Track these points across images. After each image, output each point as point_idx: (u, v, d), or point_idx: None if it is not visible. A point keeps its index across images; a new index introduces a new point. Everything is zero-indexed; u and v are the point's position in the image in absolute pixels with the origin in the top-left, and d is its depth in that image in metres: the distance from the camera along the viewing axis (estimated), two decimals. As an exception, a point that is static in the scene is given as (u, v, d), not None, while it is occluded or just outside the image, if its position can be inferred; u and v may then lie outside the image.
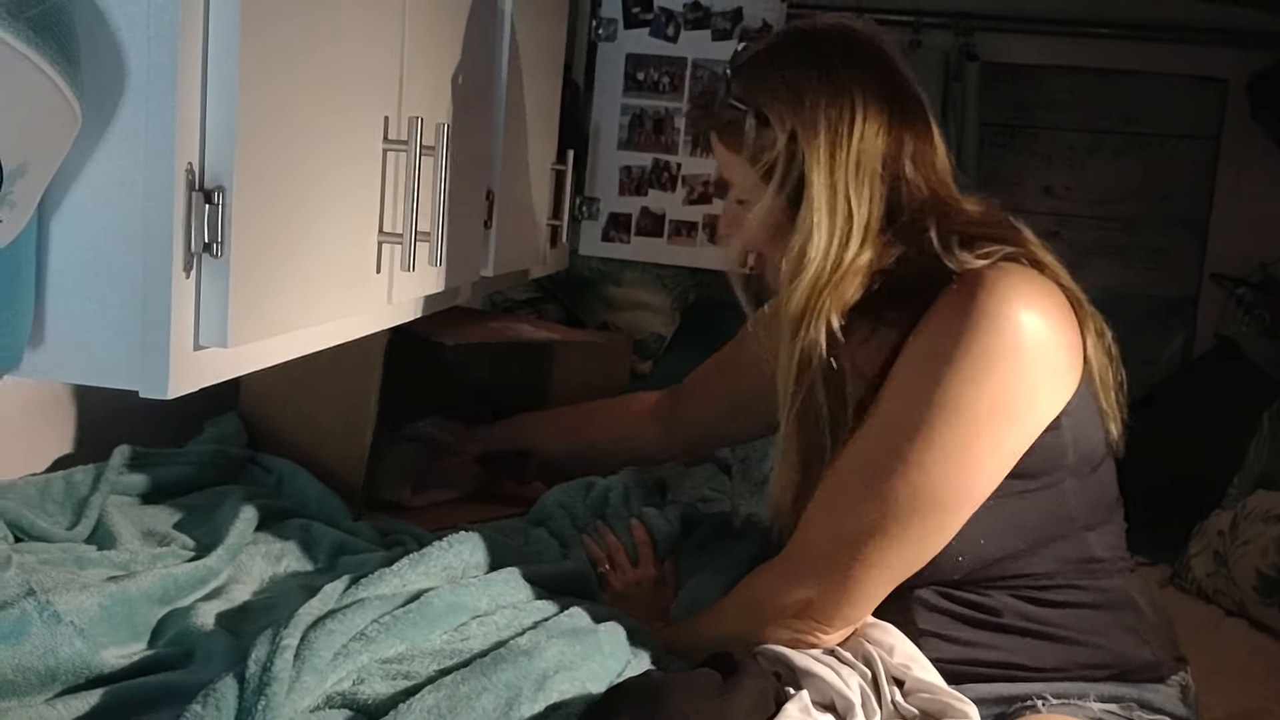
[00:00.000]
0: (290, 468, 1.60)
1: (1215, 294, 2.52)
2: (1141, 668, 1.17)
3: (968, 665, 1.14)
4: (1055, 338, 1.09)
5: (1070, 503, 1.14)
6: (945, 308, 1.09)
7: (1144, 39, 2.47)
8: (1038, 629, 1.15)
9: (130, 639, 1.12)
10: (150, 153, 0.74)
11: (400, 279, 1.15)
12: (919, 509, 1.08)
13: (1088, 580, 1.16)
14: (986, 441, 1.07)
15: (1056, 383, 1.10)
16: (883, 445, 1.10)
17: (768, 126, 1.18)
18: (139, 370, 0.76)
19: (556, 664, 1.03)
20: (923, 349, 1.10)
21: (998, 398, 1.06)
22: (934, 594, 1.16)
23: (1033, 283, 1.10)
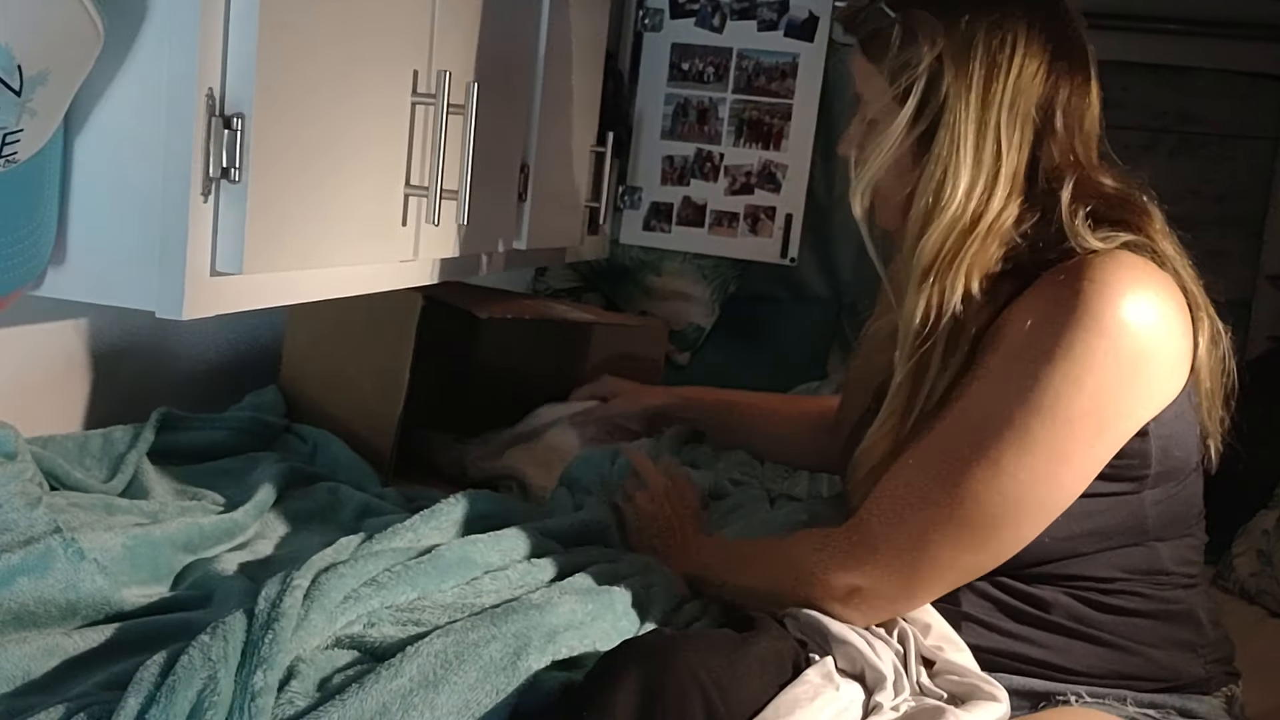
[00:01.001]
0: (324, 436, 1.63)
1: (1270, 296, 2.46)
2: (1190, 683, 1.12)
3: (1004, 657, 1.09)
4: (1162, 341, 1.01)
5: (1148, 514, 1.08)
6: (1049, 293, 1.02)
7: (1202, 34, 2.42)
8: (1086, 631, 1.09)
9: (152, 580, 1.14)
10: (172, 76, 0.75)
11: (427, 234, 1.16)
12: (999, 514, 1.01)
13: (1151, 590, 1.10)
14: (1079, 446, 1.00)
15: (1155, 389, 1.02)
16: (968, 439, 1.02)
17: (915, 43, 1.08)
18: (155, 291, 0.78)
19: (567, 621, 1.03)
20: (1021, 338, 1.02)
21: (1094, 402, 0.99)
22: (987, 582, 1.10)
23: (1148, 277, 1.02)
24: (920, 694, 1.03)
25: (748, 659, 0.95)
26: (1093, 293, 0.99)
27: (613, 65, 2.15)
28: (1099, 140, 1.16)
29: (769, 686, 0.94)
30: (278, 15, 0.81)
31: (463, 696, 0.92)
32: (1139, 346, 1.00)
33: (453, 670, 0.93)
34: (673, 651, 0.91)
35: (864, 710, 0.99)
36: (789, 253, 2.37)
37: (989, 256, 1.07)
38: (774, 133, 2.34)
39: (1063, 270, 1.02)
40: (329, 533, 1.35)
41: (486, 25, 1.30)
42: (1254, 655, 1.57)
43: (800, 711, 0.91)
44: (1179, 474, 1.09)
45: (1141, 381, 1.01)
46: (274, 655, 0.89)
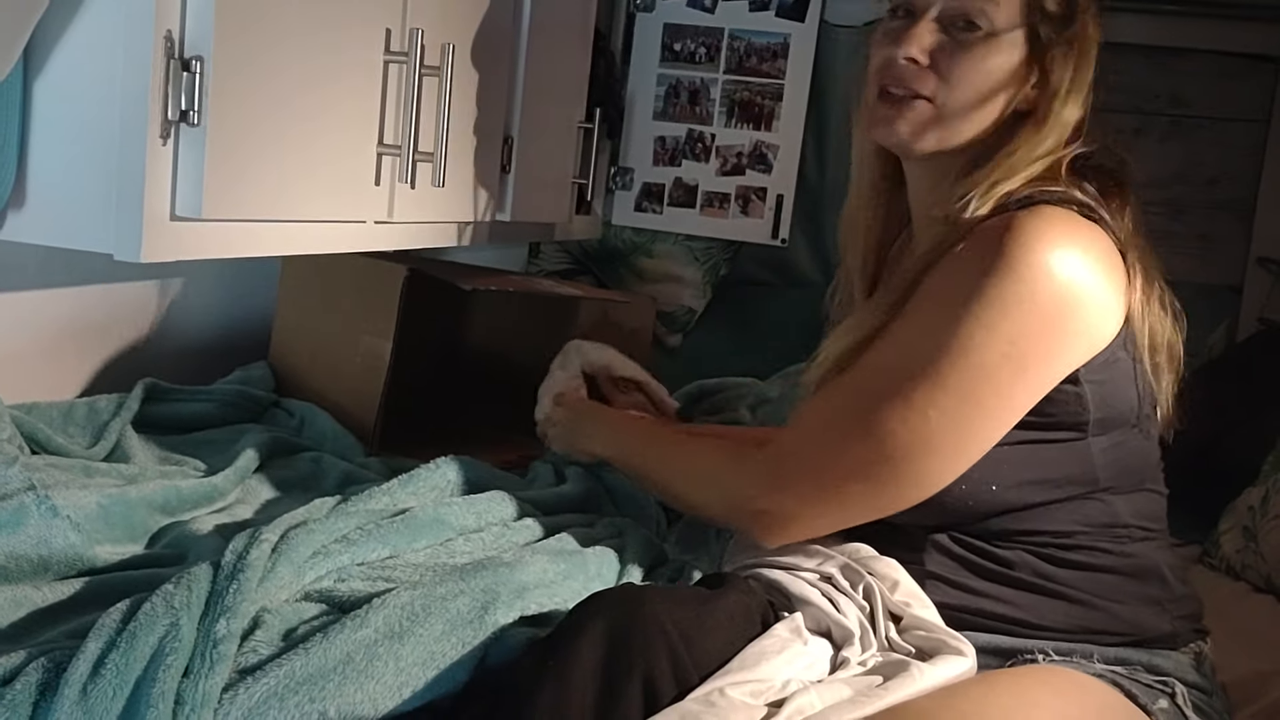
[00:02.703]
0: (311, 410, 1.63)
1: (1261, 280, 2.45)
2: (1157, 638, 1.12)
3: (971, 614, 1.10)
4: (1084, 290, 1.02)
5: (1096, 462, 1.08)
6: (976, 241, 1.04)
7: (1193, 15, 2.41)
8: (1050, 587, 1.10)
9: (127, 540, 1.14)
10: (130, 18, 0.76)
11: (403, 196, 1.16)
12: (909, 452, 1.03)
13: (1111, 545, 1.11)
14: (994, 389, 1.02)
15: (1080, 336, 1.03)
16: (885, 378, 1.05)
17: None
18: (113, 233, 0.78)
19: (538, 579, 1.03)
20: (941, 285, 1.05)
21: (1010, 347, 1.00)
22: (949, 539, 1.11)
23: (1071, 229, 1.03)
24: (889, 649, 1.03)
25: (715, 612, 0.95)
26: (1013, 242, 1.01)
27: (604, 45, 2.15)
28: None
29: (736, 639, 0.94)
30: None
31: (428, 648, 0.92)
32: (1058, 294, 1.01)
33: (419, 622, 0.93)
34: (639, 602, 0.92)
35: (832, 665, 0.99)
36: (780, 233, 2.37)
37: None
38: (765, 113, 2.34)
39: (993, 222, 1.04)
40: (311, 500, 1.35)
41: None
42: (1236, 627, 1.57)
43: (766, 664, 0.91)
44: (1122, 422, 1.10)
45: (1062, 328, 1.02)
46: (237, 604, 0.90)
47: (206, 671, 0.84)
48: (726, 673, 0.91)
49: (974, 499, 1.08)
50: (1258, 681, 1.37)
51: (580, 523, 1.23)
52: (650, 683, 0.87)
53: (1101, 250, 1.05)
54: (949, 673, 0.98)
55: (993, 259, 1.01)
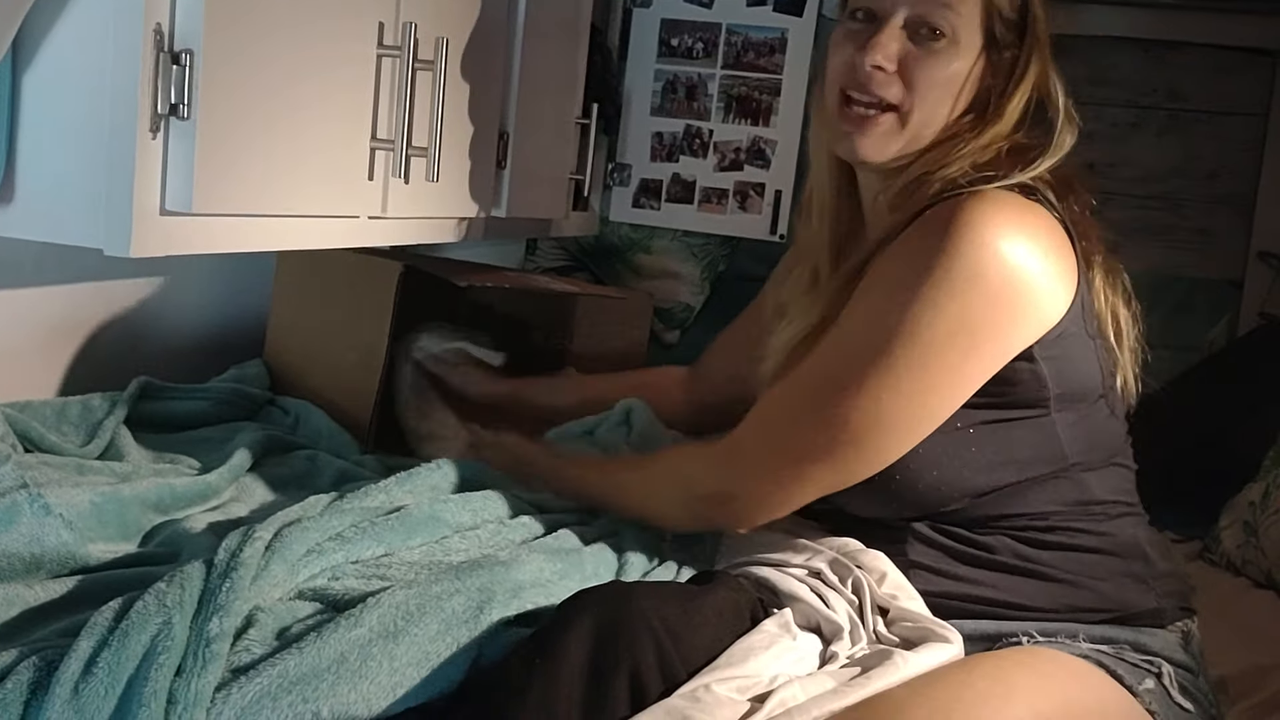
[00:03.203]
0: (306, 408, 1.62)
1: (1261, 274, 2.44)
2: (1142, 614, 1.13)
3: (957, 600, 1.12)
4: (1030, 268, 1.03)
5: (1061, 438, 1.10)
6: (918, 229, 1.06)
7: (1189, 9, 2.40)
8: (1032, 568, 1.11)
9: (120, 538, 1.13)
10: (119, 11, 0.75)
11: (397, 191, 1.15)
12: (862, 432, 1.06)
13: (1089, 523, 1.13)
14: (943, 367, 1.04)
15: (1028, 314, 1.05)
16: (840, 366, 1.07)
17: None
18: (103, 228, 0.77)
19: (534, 578, 1.03)
20: (888, 269, 1.07)
21: (957, 324, 1.02)
22: (928, 527, 1.14)
23: (1015, 210, 1.05)
24: (877, 642, 1.04)
25: (703, 608, 0.95)
26: (959, 224, 1.03)
27: (601, 40, 2.14)
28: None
29: (725, 635, 0.94)
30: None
31: (423, 648, 0.92)
32: (1004, 272, 1.02)
33: (413, 622, 0.93)
34: (626, 598, 0.92)
35: (821, 660, 0.99)
36: (778, 229, 2.36)
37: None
38: (763, 108, 2.33)
39: (939, 207, 1.06)
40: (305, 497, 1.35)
41: (459, -15, 1.30)
42: (1237, 622, 1.57)
43: (755, 659, 0.91)
44: (1084, 397, 1.11)
45: (1010, 306, 1.03)
46: (230, 603, 0.89)
47: (199, 670, 0.83)
48: (714, 669, 0.91)
49: (946, 485, 1.10)
50: (1257, 675, 1.38)
51: (577, 520, 1.22)
52: (637, 678, 0.87)
53: (1046, 230, 1.06)
54: (933, 659, 0.99)
55: (939, 241, 1.03)
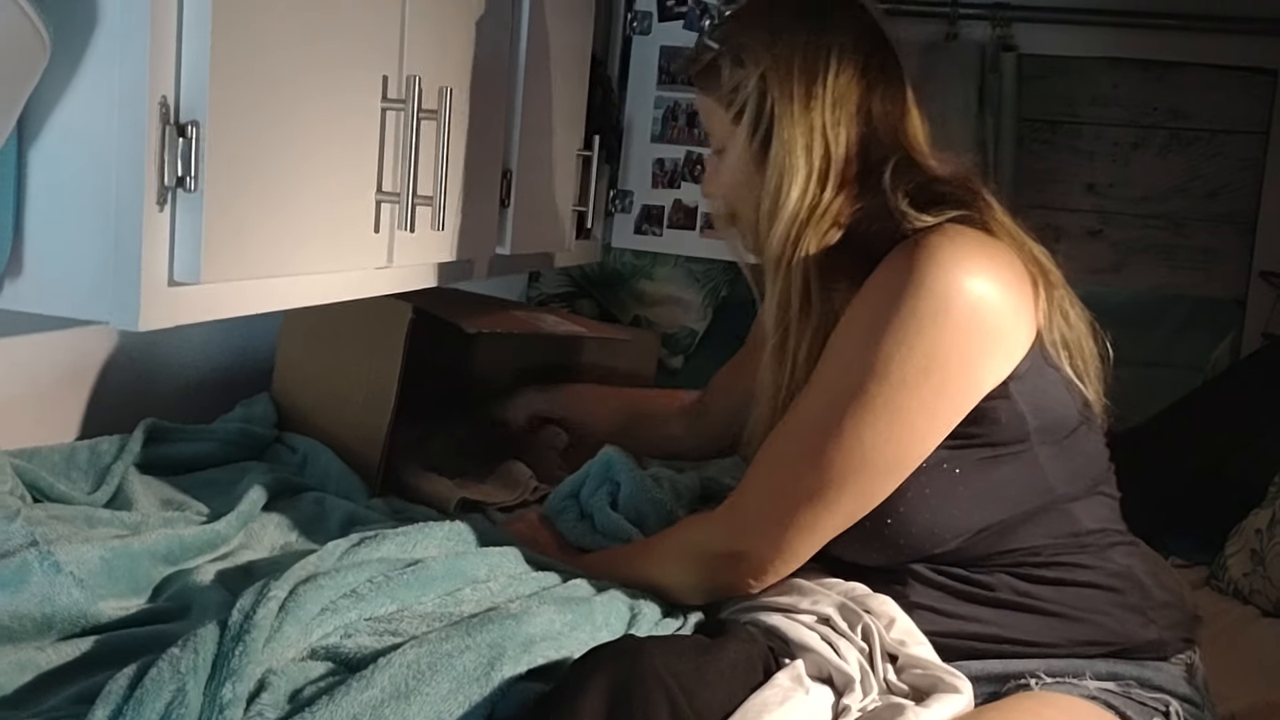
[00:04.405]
0: (314, 447, 1.62)
1: (1264, 293, 2.44)
2: (1144, 646, 1.14)
3: (961, 639, 1.13)
4: (996, 302, 1.06)
5: (1046, 471, 1.13)
6: (887, 267, 1.09)
7: (1190, 29, 2.41)
8: (1033, 604, 1.13)
9: (130, 593, 1.13)
10: (124, 85, 0.75)
11: (402, 241, 1.15)
12: (852, 475, 1.09)
13: (1084, 556, 1.14)
14: (919, 405, 1.06)
15: (997, 347, 1.07)
16: (822, 411, 1.10)
17: (741, 66, 1.20)
18: (111, 302, 0.77)
19: (544, 631, 1.02)
20: (859, 312, 1.10)
21: (927, 359, 1.05)
22: (928, 569, 1.15)
23: (976, 245, 1.08)
24: (888, 692, 1.03)
25: (716, 662, 0.95)
26: (922, 260, 1.06)
27: (601, 72, 2.15)
28: (928, 135, 1.25)
29: (738, 690, 0.94)
30: (232, 21, 0.80)
31: (435, 707, 0.92)
32: (970, 305, 1.05)
33: (425, 681, 0.92)
34: (639, 655, 0.92)
35: (834, 713, 0.98)
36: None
37: (823, 236, 1.16)
38: (763, 134, 2.33)
39: (901, 246, 1.09)
40: (315, 543, 1.35)
41: (461, 29, 1.30)
42: (1246, 653, 1.57)
43: (769, 715, 0.91)
44: (1062, 428, 1.13)
45: (979, 338, 1.06)
46: (243, 667, 0.89)
47: (213, 738, 0.83)
48: (729, 724, 0.90)
49: (939, 526, 1.12)
50: (1267, 711, 1.37)
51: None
52: (652, 737, 0.86)
53: (1005, 263, 1.09)
54: (944, 713, 0.98)
55: (904, 279, 1.06)
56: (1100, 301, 2.64)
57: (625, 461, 1.46)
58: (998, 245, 1.10)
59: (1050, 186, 2.59)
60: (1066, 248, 2.59)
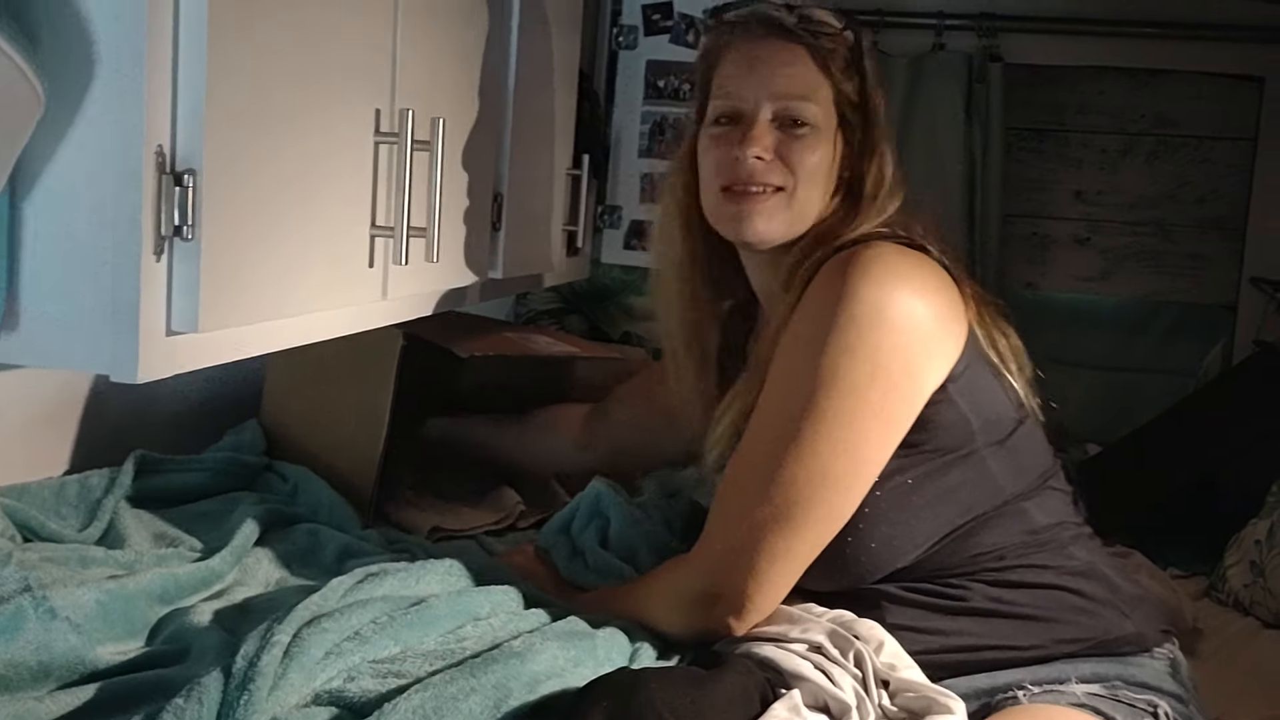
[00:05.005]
0: (305, 475, 1.61)
1: (1254, 299, 2.45)
2: (1124, 640, 1.15)
3: (945, 653, 1.13)
4: (926, 308, 1.10)
5: (995, 472, 1.15)
6: (819, 284, 1.12)
7: (1176, 37, 2.42)
8: (1008, 609, 1.14)
9: (127, 636, 1.11)
10: (119, 134, 0.74)
11: (396, 274, 1.14)
12: (815, 490, 1.09)
13: (1046, 555, 1.16)
14: (870, 411, 1.08)
15: (935, 348, 1.11)
16: (776, 430, 1.10)
17: (862, 65, 1.24)
18: (109, 354, 0.76)
19: (549, 669, 1.01)
20: (799, 329, 1.12)
21: (871, 364, 1.07)
22: (899, 589, 1.16)
23: (904, 256, 1.13)
24: (884, 717, 1.04)
25: (713, 695, 0.95)
26: (855, 271, 1.09)
27: (588, 86, 2.13)
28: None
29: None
30: (228, 67, 0.79)
31: (444, 753, 0.90)
32: (905, 309, 1.09)
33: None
34: (637, 688, 0.92)
35: (831, 741, 0.98)
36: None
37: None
38: (751, 148, 2.33)
39: (833, 261, 1.13)
40: (310, 576, 1.33)
41: (451, 57, 1.29)
42: (1249, 667, 1.57)
43: (767, 745, 0.90)
44: (1003, 427, 1.17)
45: (917, 341, 1.09)
46: (249, 717, 0.87)
47: (218, 792, 0.81)
48: (727, 758, 0.90)
49: (897, 539, 1.13)
50: (1275, 728, 1.37)
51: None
52: (650, 771, 0.86)
53: (932, 272, 1.14)
54: None
55: (840, 290, 1.09)
56: (1090, 309, 2.70)
57: (614, 495, 1.46)
58: (922, 256, 1.15)
59: (1038, 195, 2.59)
60: (1055, 255, 2.61)
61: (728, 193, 1.23)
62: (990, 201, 2.44)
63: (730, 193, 1.23)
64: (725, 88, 1.24)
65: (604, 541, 1.43)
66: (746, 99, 1.22)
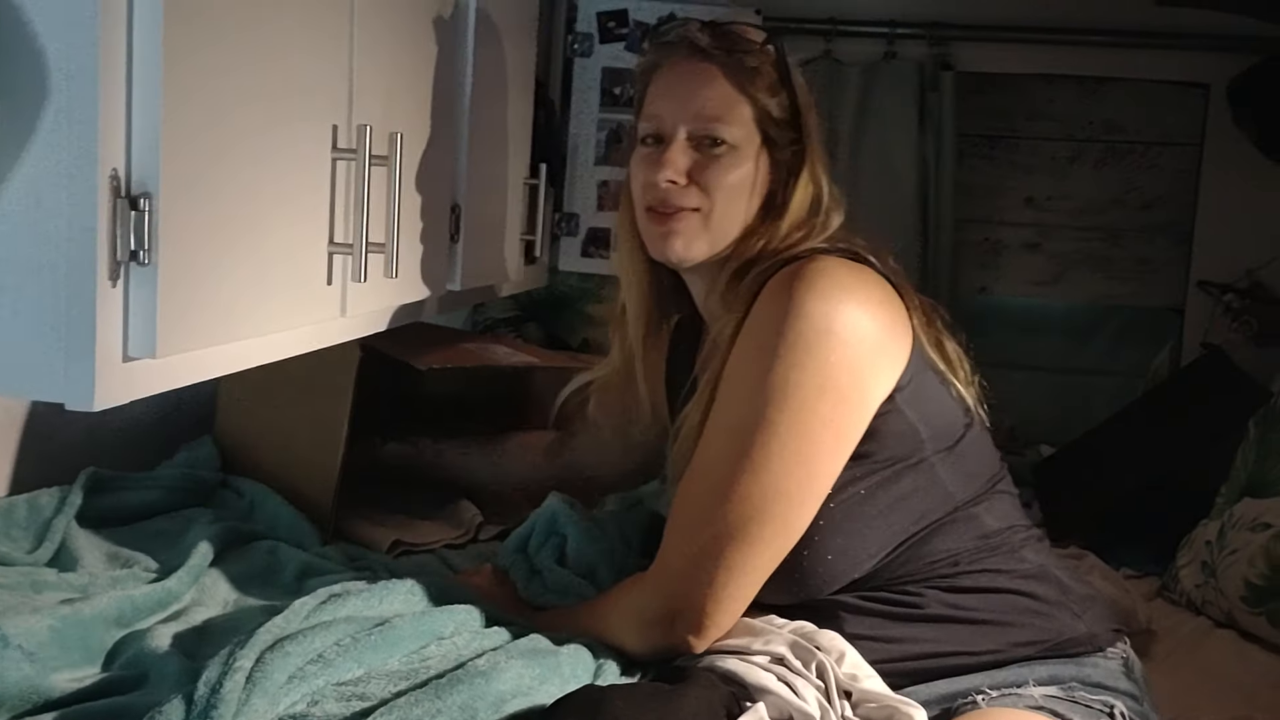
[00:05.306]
0: (262, 491, 1.59)
1: (1202, 302, 2.49)
2: (1077, 641, 1.17)
3: (905, 660, 1.15)
4: (871, 320, 1.11)
5: (945, 479, 1.16)
6: (764, 300, 1.13)
7: (1123, 45, 2.45)
8: (964, 615, 1.16)
9: (84, 662, 1.10)
10: (73, 158, 0.72)
11: (355, 291, 1.13)
12: (770, 504, 1.09)
13: (999, 560, 1.18)
14: (820, 423, 1.09)
15: (879, 362, 1.12)
16: (728, 446, 1.11)
17: (788, 85, 1.24)
18: (64, 382, 0.74)
19: (515, 687, 1.01)
20: (746, 345, 1.13)
21: (820, 377, 1.08)
22: (856, 599, 1.17)
23: (845, 269, 1.13)
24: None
25: (679, 710, 0.95)
26: (800, 286, 1.10)
27: (543, 94, 2.13)
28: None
29: (701, 735, 0.93)
30: (182, 88, 0.78)
31: (411, 777, 0.89)
32: (851, 322, 1.10)
33: (399, 751, 0.90)
34: (603, 705, 0.92)
35: (795, 753, 0.99)
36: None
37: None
38: (707, 156, 2.33)
39: (777, 277, 1.14)
40: (269, 596, 1.32)
41: (407, 71, 1.28)
42: (1204, 667, 1.60)
43: (734, 760, 0.90)
44: (951, 433, 1.18)
45: (864, 352, 1.10)
46: (210, 747, 0.86)
47: (180, 825, 0.80)
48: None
49: (852, 549, 1.14)
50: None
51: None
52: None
53: (875, 284, 1.15)
54: None
55: (786, 305, 1.10)
56: (1041, 313, 2.73)
57: (570, 512, 1.45)
58: (862, 269, 1.16)
59: (990, 201, 2.62)
60: (1006, 261, 2.64)
61: (651, 213, 1.25)
62: (943, 208, 2.47)
63: (653, 213, 1.24)
64: (649, 110, 1.26)
65: (561, 559, 1.42)
66: (665, 121, 1.24)
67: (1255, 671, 1.58)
